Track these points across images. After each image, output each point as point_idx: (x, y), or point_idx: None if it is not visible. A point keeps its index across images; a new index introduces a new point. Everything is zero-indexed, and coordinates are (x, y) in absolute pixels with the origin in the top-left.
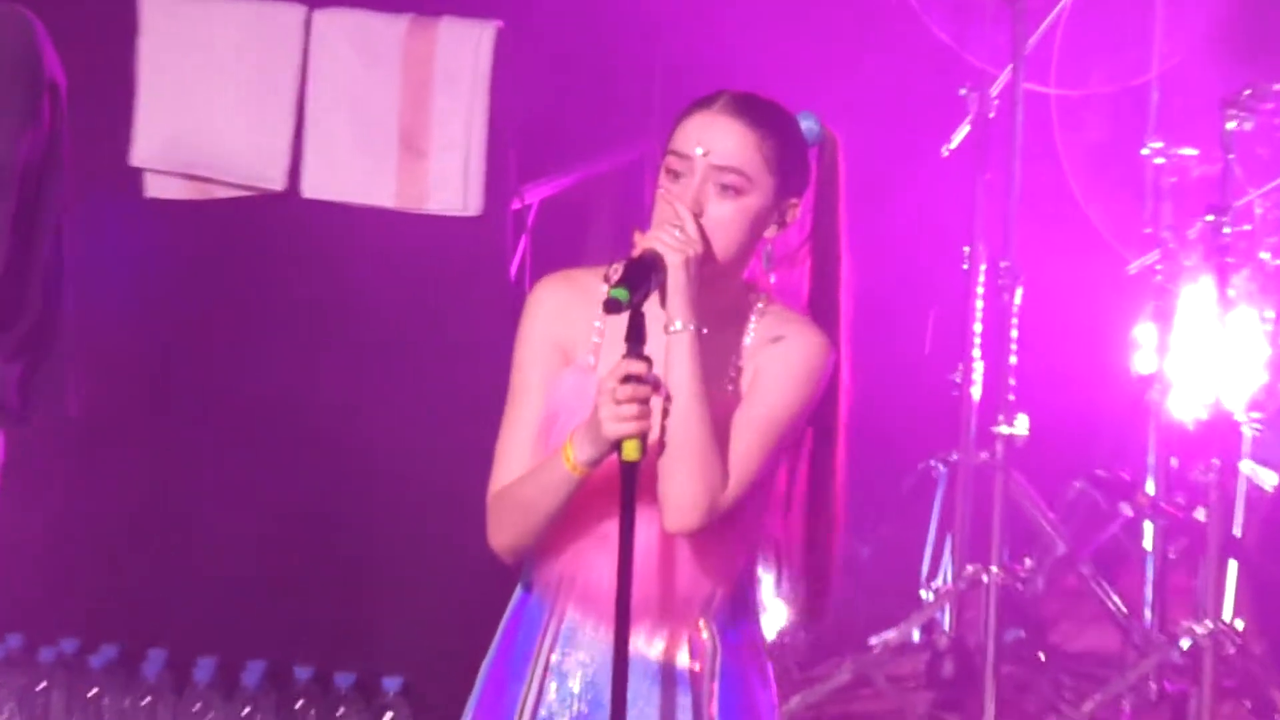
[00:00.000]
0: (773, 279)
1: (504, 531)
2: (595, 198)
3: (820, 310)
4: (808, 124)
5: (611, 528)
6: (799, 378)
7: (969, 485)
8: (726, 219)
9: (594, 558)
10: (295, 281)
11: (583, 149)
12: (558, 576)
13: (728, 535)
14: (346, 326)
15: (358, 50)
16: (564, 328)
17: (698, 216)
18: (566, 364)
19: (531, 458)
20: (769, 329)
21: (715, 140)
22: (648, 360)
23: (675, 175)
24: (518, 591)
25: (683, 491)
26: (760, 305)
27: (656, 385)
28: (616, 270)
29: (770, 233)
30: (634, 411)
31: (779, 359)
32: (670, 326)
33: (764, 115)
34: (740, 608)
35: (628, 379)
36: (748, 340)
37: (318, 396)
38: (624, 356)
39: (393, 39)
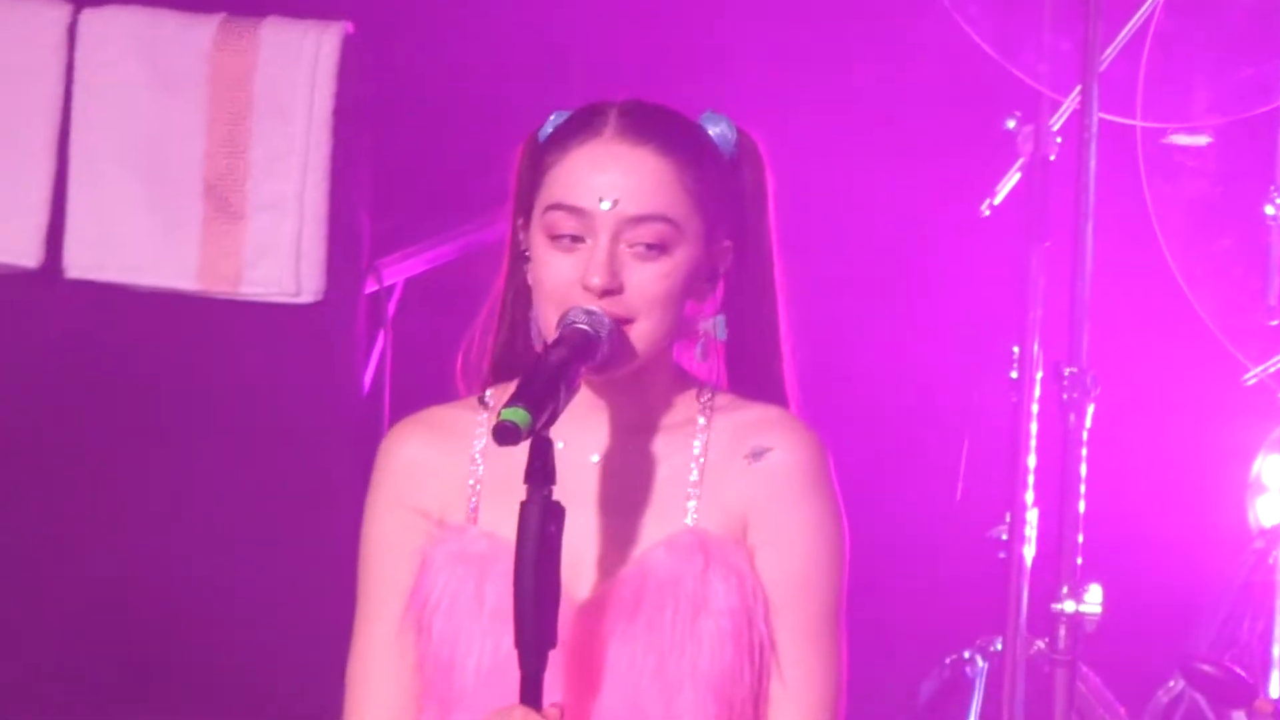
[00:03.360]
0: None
1: None
2: (486, 276)
3: (761, 395)
4: (719, 129)
5: None
6: (829, 515)
7: (1018, 686)
8: (657, 289)
9: None
10: (55, 396)
11: (468, 206)
12: None
13: None
14: (128, 463)
15: (145, 65)
16: (429, 488)
17: (616, 292)
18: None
19: (394, 684)
20: (734, 434)
21: (622, 181)
22: (556, 712)
23: (565, 240)
24: None
25: None
26: (706, 397)
27: None
28: (499, 392)
29: (703, 294)
30: None
31: (786, 503)
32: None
33: (675, 132)
34: None
35: None
36: (697, 449)
37: (86, 558)
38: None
39: (195, 49)
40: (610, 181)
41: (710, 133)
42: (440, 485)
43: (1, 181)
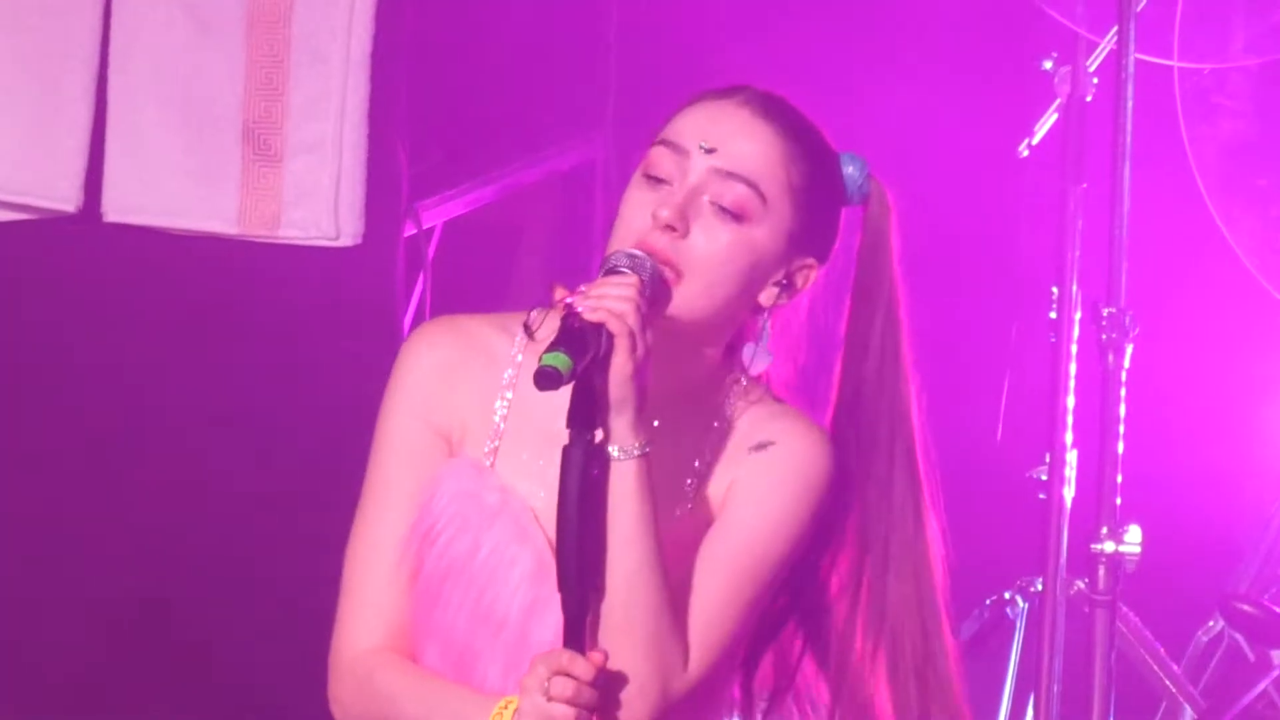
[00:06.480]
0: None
1: None
2: (524, 219)
3: (854, 449)
4: (851, 169)
5: None
6: (790, 502)
7: (1059, 626)
8: (719, 250)
9: None
10: (94, 341)
11: (506, 150)
12: None
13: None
14: (170, 406)
15: (183, 7)
16: (449, 402)
17: (680, 236)
18: (451, 454)
19: (395, 591)
20: (753, 428)
21: (728, 136)
22: (600, 657)
23: (656, 180)
24: None
25: (625, 675)
26: (745, 391)
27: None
28: (539, 317)
29: (769, 297)
30: (569, 717)
31: (764, 472)
32: (608, 450)
33: (800, 129)
34: None
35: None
36: (714, 436)
37: (122, 500)
38: (565, 630)
39: None
40: (717, 133)
41: (844, 169)
42: (466, 404)
43: (40, 125)
